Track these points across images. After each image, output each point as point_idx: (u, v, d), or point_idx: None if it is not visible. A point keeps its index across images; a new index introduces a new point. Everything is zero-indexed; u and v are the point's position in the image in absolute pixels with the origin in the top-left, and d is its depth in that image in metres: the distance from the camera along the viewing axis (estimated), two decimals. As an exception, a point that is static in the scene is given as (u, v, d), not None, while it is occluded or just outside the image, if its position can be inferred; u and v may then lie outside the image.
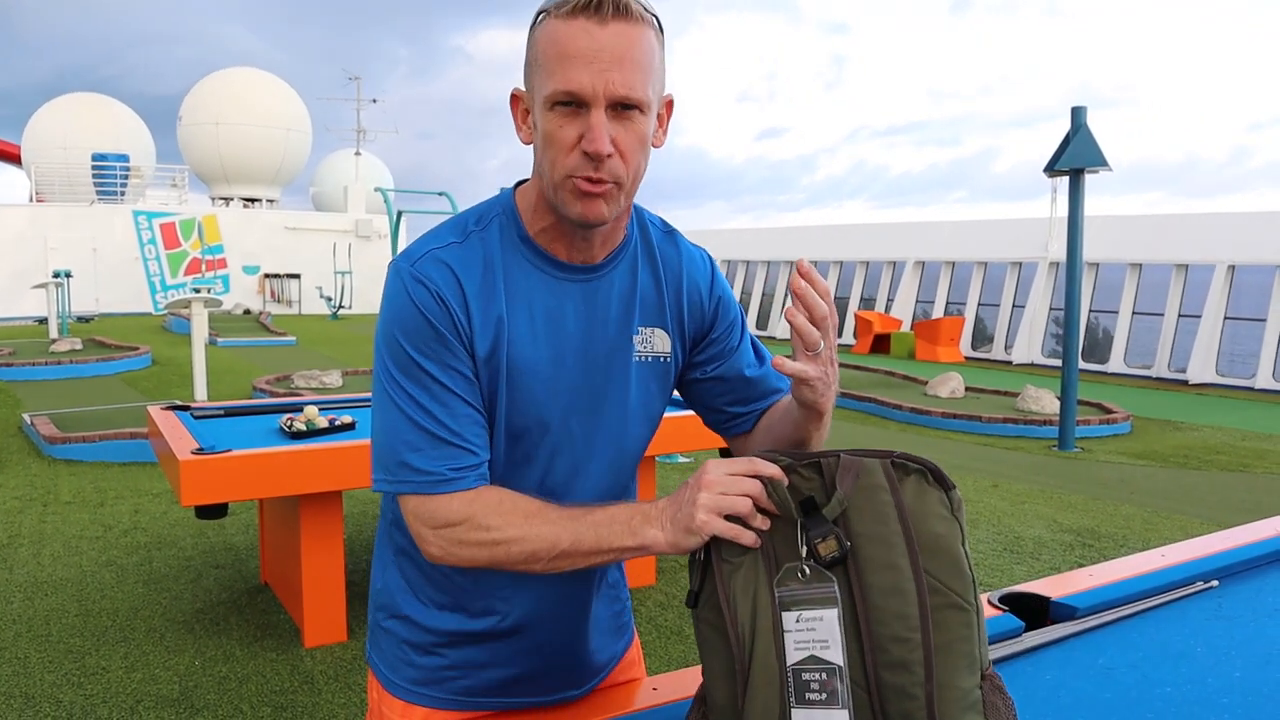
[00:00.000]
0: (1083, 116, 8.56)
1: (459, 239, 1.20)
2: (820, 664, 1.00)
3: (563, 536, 1.12)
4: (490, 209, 1.24)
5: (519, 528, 1.13)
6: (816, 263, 21.22)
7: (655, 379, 1.31)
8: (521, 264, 1.22)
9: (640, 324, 1.29)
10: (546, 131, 1.12)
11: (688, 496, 1.06)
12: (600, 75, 1.08)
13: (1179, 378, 15.18)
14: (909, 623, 0.96)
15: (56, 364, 12.60)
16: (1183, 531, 5.91)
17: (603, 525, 1.11)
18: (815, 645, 1.01)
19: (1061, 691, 1.28)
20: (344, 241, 30.04)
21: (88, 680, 3.61)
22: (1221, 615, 1.55)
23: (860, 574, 0.98)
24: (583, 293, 1.24)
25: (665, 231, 1.35)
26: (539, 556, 1.13)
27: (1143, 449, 8.99)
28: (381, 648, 1.38)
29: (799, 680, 1.01)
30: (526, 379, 1.20)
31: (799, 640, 1.02)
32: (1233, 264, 15.16)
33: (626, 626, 1.50)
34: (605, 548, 1.11)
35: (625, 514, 1.11)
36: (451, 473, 1.16)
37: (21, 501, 6.30)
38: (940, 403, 10.99)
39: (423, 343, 1.15)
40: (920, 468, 1.02)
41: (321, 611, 3.93)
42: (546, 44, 1.11)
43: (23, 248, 26.00)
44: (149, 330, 19.74)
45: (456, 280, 1.17)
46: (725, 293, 1.38)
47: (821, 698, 0.99)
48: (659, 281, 1.31)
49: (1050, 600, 1.55)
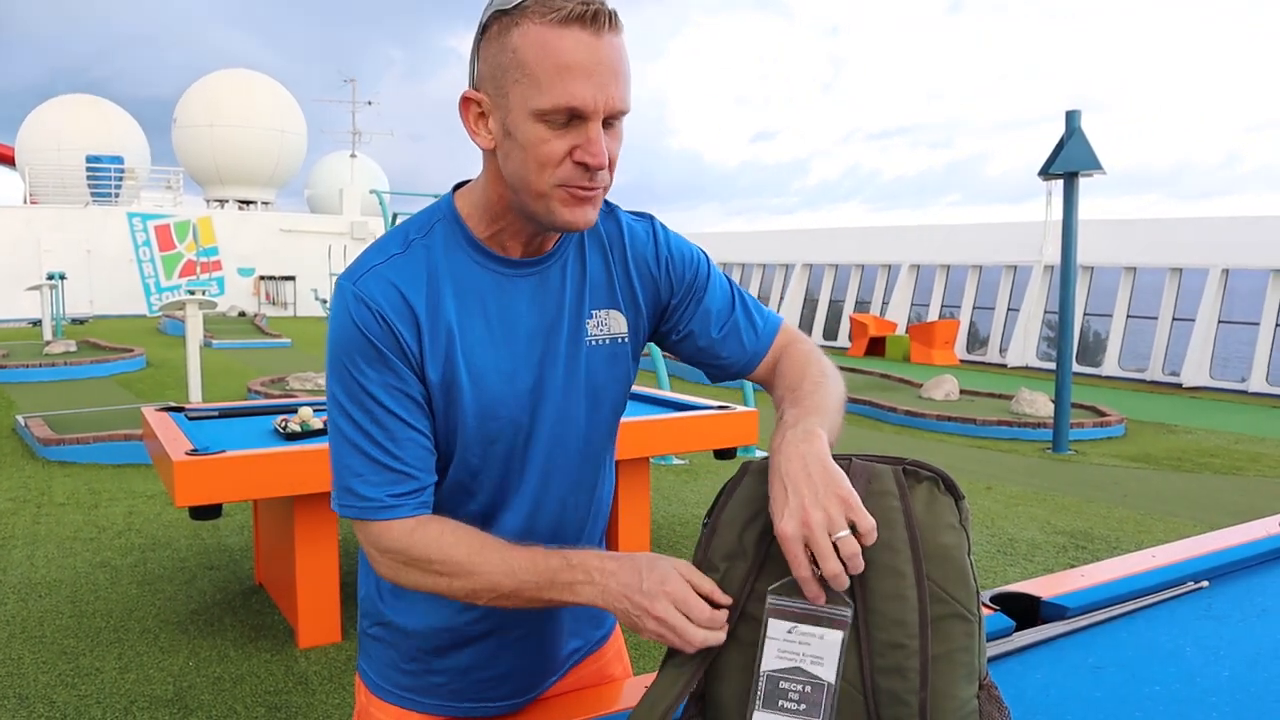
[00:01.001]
0: (1077, 120, 8.59)
1: (400, 249, 1.18)
2: (806, 677, 0.99)
3: (503, 582, 1.12)
4: (432, 215, 1.22)
5: (460, 564, 1.13)
6: (811, 266, 21.19)
7: (613, 361, 1.30)
8: (469, 266, 1.20)
9: (592, 307, 1.27)
10: (531, 143, 1.09)
11: (646, 591, 1.03)
12: (601, 89, 1.07)
13: (1173, 381, 15.23)
14: (907, 629, 0.96)
15: (50, 366, 12.58)
16: (1175, 534, 5.93)
17: (544, 576, 1.11)
18: (806, 659, 0.99)
19: (1051, 690, 1.28)
20: (339, 244, 30.00)
21: (82, 681, 3.61)
22: (1211, 615, 1.56)
23: (863, 578, 0.98)
24: (533, 285, 1.23)
25: (606, 210, 1.32)
26: (479, 595, 1.14)
27: (1136, 452, 9.02)
28: (370, 654, 1.38)
29: (774, 686, 1.00)
30: (487, 380, 1.19)
31: (785, 650, 1.00)
32: (1226, 268, 15.21)
33: (606, 615, 1.49)
34: (542, 599, 1.12)
35: (567, 573, 1.10)
36: (391, 499, 1.15)
37: (15, 503, 6.28)
38: (935, 405, 11.02)
39: (365, 364, 1.14)
40: (932, 475, 1.02)
41: (315, 612, 3.93)
42: (535, 52, 1.06)
43: (17, 249, 25.95)
44: (143, 332, 19.71)
45: (400, 294, 1.15)
46: (675, 251, 1.34)
47: (799, 707, 0.99)
48: (607, 261, 1.30)
49: (1041, 600, 1.56)
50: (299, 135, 34.37)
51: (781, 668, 1.00)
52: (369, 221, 31.02)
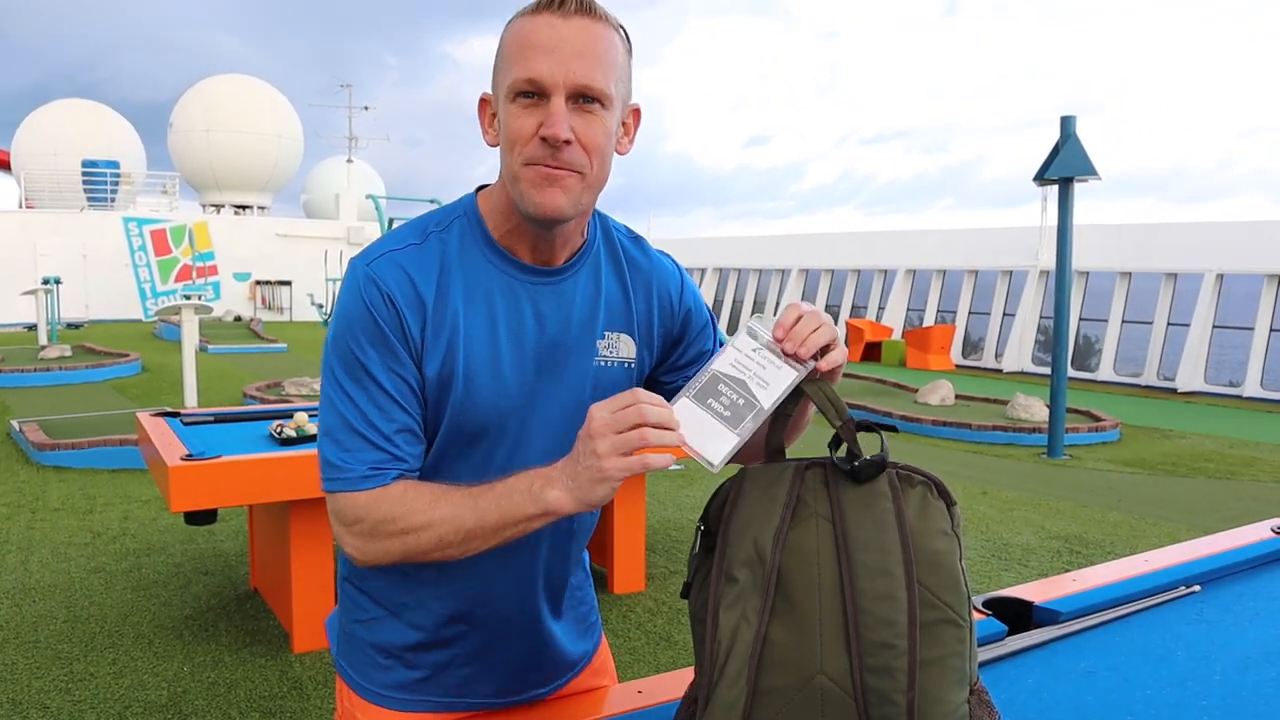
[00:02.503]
0: (1072, 126, 8.61)
1: (418, 240, 1.20)
2: (745, 393, 1.06)
3: (466, 517, 1.11)
4: (452, 211, 1.25)
5: (423, 514, 1.13)
6: (808, 271, 21.25)
7: (618, 384, 1.29)
8: (482, 265, 1.21)
9: (606, 328, 1.28)
10: (506, 123, 1.14)
11: (584, 449, 1.04)
12: (561, 64, 1.10)
13: (1168, 386, 15.26)
14: (896, 630, 0.96)
15: (46, 370, 12.56)
16: (1169, 538, 5.94)
17: (503, 498, 1.10)
18: (754, 379, 1.07)
19: (1044, 694, 1.29)
20: (335, 249, 30.00)
21: (76, 686, 3.60)
22: (1203, 619, 1.56)
23: (854, 579, 0.98)
24: (543, 294, 1.24)
25: (631, 238, 1.35)
26: (448, 540, 1.13)
27: (1131, 457, 9.03)
28: (349, 654, 1.38)
29: (713, 386, 1.06)
30: (482, 379, 1.20)
31: (740, 362, 1.08)
32: (1221, 272, 15.25)
33: (594, 627, 1.50)
34: (510, 520, 1.10)
35: (524, 481, 1.10)
36: (370, 470, 1.16)
37: (10, 508, 6.27)
38: (930, 410, 11.03)
39: (368, 342, 1.16)
40: (925, 480, 1.03)
41: (311, 617, 3.92)
42: (510, 39, 1.14)
43: (12, 254, 25.91)
44: (139, 337, 19.69)
45: (411, 282, 1.17)
46: (695, 300, 1.38)
47: (725, 414, 1.05)
48: (625, 287, 1.31)
49: (1033, 604, 1.57)
50: (295, 140, 34.37)
51: (728, 374, 1.08)
52: (365, 227, 31.01)
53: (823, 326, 1.10)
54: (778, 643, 1.00)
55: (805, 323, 1.10)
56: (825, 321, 1.11)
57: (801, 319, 1.10)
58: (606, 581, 4.69)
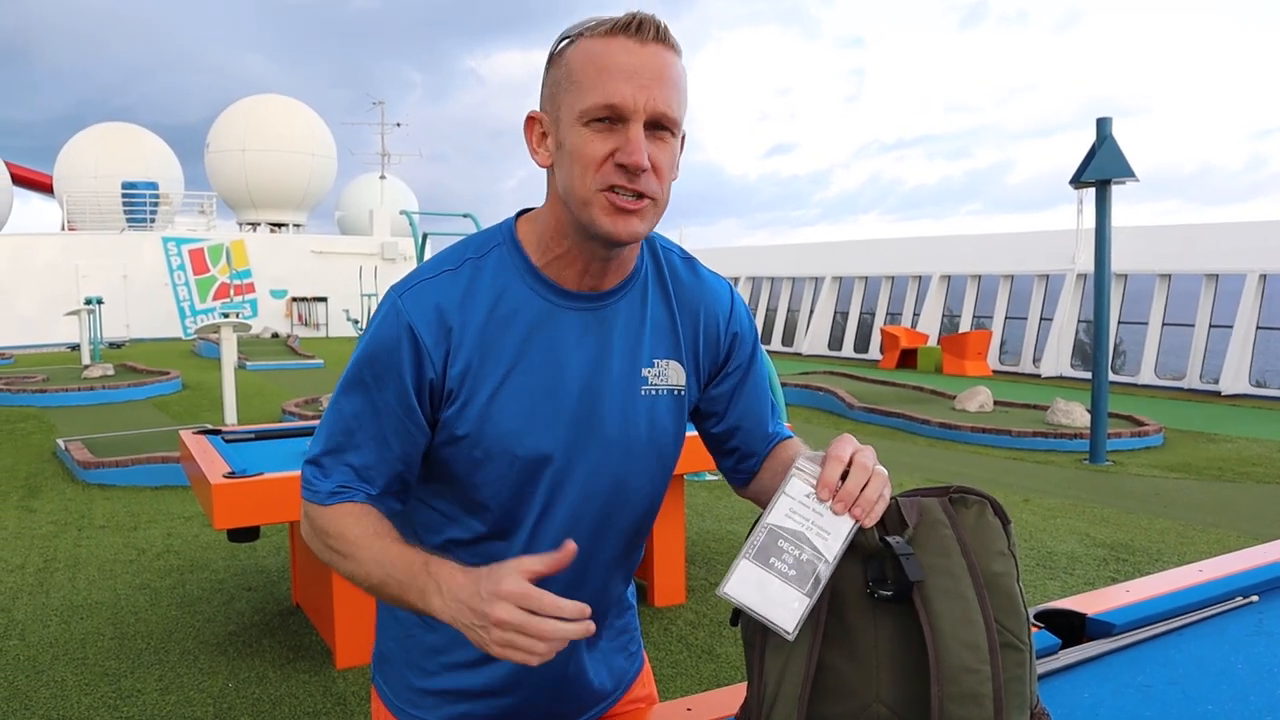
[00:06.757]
0: (1108, 127, 8.51)
1: (453, 266, 1.19)
2: (808, 546, 0.98)
3: (373, 574, 1.13)
4: (491, 238, 1.22)
5: (347, 544, 1.15)
6: (841, 279, 21.01)
7: (668, 413, 1.26)
8: (522, 291, 1.19)
9: (654, 355, 1.25)
10: (576, 147, 1.09)
11: (483, 593, 1.00)
12: (642, 90, 1.07)
13: (1211, 389, 15.00)
14: (979, 653, 0.95)
15: (89, 390, 12.78)
16: (1219, 545, 5.82)
17: (404, 577, 1.10)
18: (814, 528, 0.99)
19: (1100, 710, 1.26)
20: (370, 264, 30.29)
21: (123, 703, 3.64)
22: (1263, 631, 1.53)
23: (928, 603, 0.97)
24: (586, 322, 1.20)
25: (683, 259, 1.31)
26: (358, 579, 1.16)
27: (1176, 461, 8.88)
28: (385, 671, 1.37)
29: (772, 542, 0.98)
30: (522, 409, 1.17)
31: (796, 512, 1.00)
32: (1264, 273, 14.98)
33: (635, 655, 1.47)
34: (400, 601, 1.12)
35: (421, 579, 1.08)
36: (338, 488, 1.18)
37: (57, 526, 6.37)
38: (969, 417, 10.92)
39: (378, 373, 1.16)
40: (980, 499, 1.02)
41: (353, 633, 3.94)
42: (582, 61, 1.09)
43: (55, 276, 26.43)
44: (179, 355, 19.96)
45: (439, 313, 1.15)
46: (743, 328, 1.33)
47: (789, 572, 0.97)
48: (673, 311, 1.27)
49: (1087, 617, 1.54)
50: (329, 158, 34.77)
51: (787, 527, 0.99)
52: (399, 242, 31.28)
53: (873, 478, 1.01)
54: (831, 669, 0.99)
55: (854, 479, 1.00)
56: (873, 469, 1.02)
57: (850, 473, 1.01)
58: (647, 594, 4.67)
